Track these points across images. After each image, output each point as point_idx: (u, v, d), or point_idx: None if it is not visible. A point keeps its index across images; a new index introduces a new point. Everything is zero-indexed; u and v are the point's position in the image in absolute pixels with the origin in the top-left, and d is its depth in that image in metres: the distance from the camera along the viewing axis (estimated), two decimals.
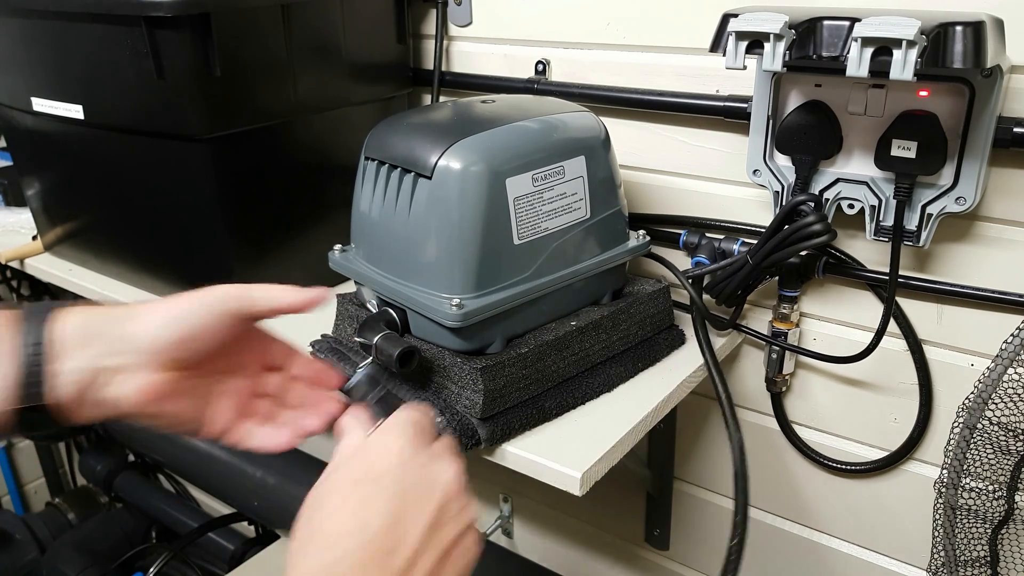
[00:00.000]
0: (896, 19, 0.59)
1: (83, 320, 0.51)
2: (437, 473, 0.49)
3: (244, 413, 0.57)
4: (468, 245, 0.68)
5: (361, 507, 0.46)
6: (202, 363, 0.54)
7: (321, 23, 0.90)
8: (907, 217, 0.74)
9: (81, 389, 0.51)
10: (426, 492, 0.48)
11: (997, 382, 0.71)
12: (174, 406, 0.53)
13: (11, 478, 1.84)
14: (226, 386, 0.57)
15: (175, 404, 0.53)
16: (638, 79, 0.90)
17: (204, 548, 1.48)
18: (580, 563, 1.25)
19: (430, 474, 0.49)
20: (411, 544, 0.45)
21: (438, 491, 0.48)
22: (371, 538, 0.44)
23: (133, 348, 0.51)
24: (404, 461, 0.48)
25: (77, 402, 0.51)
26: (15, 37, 0.92)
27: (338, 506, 0.46)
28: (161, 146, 0.85)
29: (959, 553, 0.78)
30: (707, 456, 1.04)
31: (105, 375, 0.51)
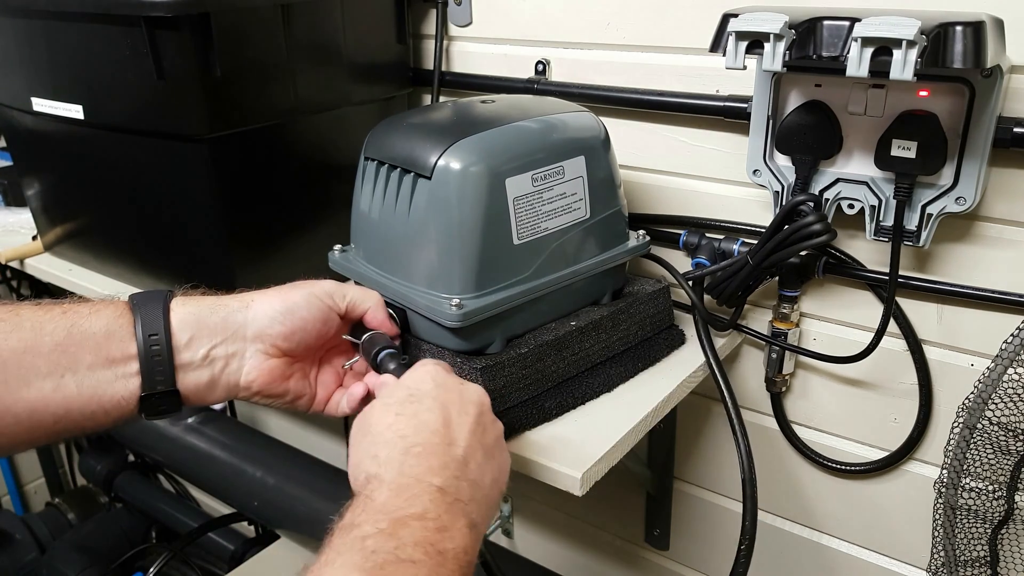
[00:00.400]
0: (896, 19, 0.58)
1: (196, 311, 0.59)
2: (470, 391, 0.56)
3: (338, 384, 0.68)
4: (468, 245, 0.68)
5: (415, 416, 0.52)
6: (308, 350, 0.63)
7: (321, 23, 0.90)
8: (907, 217, 0.74)
9: (213, 375, 0.59)
10: (465, 405, 0.55)
11: (997, 382, 0.71)
12: (289, 385, 0.62)
13: (11, 478, 1.84)
14: (323, 365, 0.66)
15: (289, 384, 0.62)
16: (638, 79, 0.90)
17: (204, 548, 1.48)
18: (580, 563, 1.25)
19: (465, 391, 0.56)
20: (463, 440, 0.52)
21: (473, 404, 0.55)
22: (432, 433, 0.51)
23: (248, 336, 0.59)
24: (440, 383, 0.56)
25: (209, 387, 0.59)
26: (15, 37, 0.92)
27: (392, 421, 0.52)
28: (161, 146, 0.85)
29: (959, 553, 0.78)
30: (707, 456, 1.04)
31: (232, 361, 0.59)
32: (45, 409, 0.54)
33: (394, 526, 0.45)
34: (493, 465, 0.54)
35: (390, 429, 0.52)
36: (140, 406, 0.57)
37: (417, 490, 0.48)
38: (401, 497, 0.47)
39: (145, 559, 1.52)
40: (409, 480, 0.48)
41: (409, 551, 0.43)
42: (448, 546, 0.45)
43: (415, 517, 0.46)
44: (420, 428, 0.52)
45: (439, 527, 0.46)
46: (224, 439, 1.33)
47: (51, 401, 0.53)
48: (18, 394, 0.53)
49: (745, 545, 0.74)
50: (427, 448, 0.50)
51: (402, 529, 0.45)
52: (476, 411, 0.55)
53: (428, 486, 0.48)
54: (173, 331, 0.57)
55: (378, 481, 0.49)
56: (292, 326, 0.60)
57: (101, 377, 0.55)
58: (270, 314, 0.60)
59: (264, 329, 0.60)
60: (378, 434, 0.52)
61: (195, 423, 1.32)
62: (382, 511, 0.46)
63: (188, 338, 0.58)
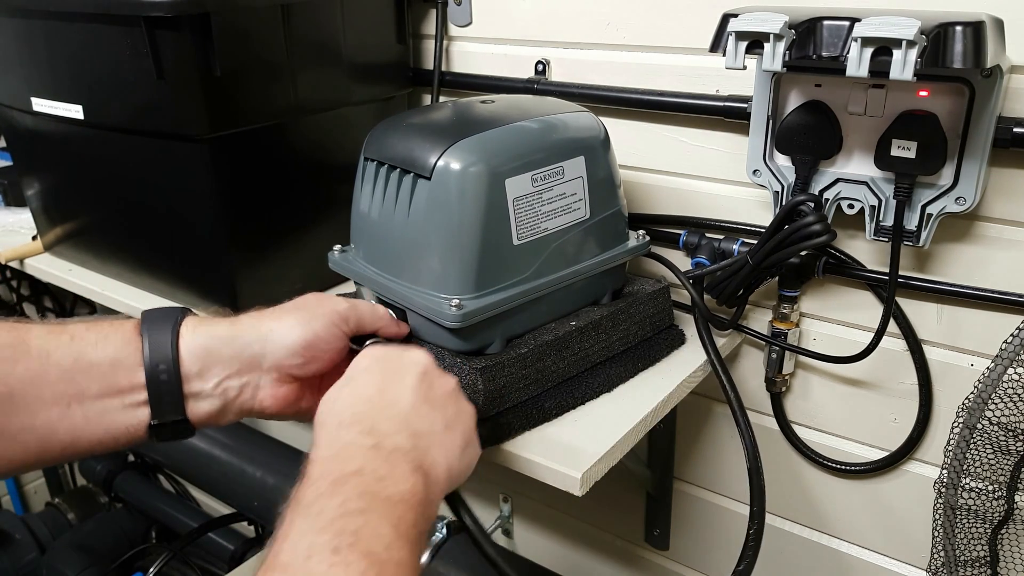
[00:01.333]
0: (896, 19, 0.58)
1: (207, 342, 0.57)
2: (410, 355, 0.58)
3: None
4: (468, 246, 0.68)
5: (350, 394, 0.55)
6: (318, 371, 0.62)
7: (321, 23, 0.90)
8: (907, 217, 0.74)
9: (226, 403, 0.58)
10: (404, 367, 0.56)
11: (997, 382, 0.71)
12: (303, 405, 0.62)
13: (11, 478, 1.84)
14: (330, 375, 0.63)
15: (302, 404, 0.62)
16: (638, 79, 0.90)
17: (204, 548, 1.48)
18: (580, 563, 1.25)
19: (404, 356, 0.58)
20: (405, 398, 0.54)
21: (413, 364, 0.57)
22: (365, 401, 0.53)
23: (265, 367, 0.59)
24: (378, 357, 0.58)
25: (220, 414, 0.58)
26: (15, 37, 0.92)
27: (330, 408, 0.54)
28: (161, 146, 0.85)
29: (959, 553, 0.78)
30: (707, 456, 1.04)
31: (246, 391, 0.58)
32: (52, 437, 0.53)
33: (333, 486, 0.46)
34: (444, 413, 0.55)
35: (328, 415, 0.54)
36: (149, 433, 0.56)
37: (349, 452, 0.49)
38: (334, 462, 0.48)
39: (145, 559, 1.52)
40: (340, 446, 0.50)
41: (353, 503, 0.44)
42: (392, 491, 0.46)
43: (352, 474, 0.47)
44: (354, 402, 0.54)
45: (377, 478, 0.47)
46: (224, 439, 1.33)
47: (58, 429, 0.53)
48: (25, 423, 0.52)
49: (754, 530, 0.75)
50: (358, 416, 0.52)
51: (342, 487, 0.46)
52: (417, 370, 0.56)
53: (360, 447, 0.49)
54: (182, 360, 0.56)
55: (311, 460, 0.49)
56: (310, 356, 0.60)
57: (109, 406, 0.54)
58: (289, 346, 0.59)
59: (281, 360, 0.59)
60: (317, 427, 0.53)
61: None
62: (319, 478, 0.47)
63: (199, 368, 0.56)
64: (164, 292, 0.97)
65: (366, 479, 0.46)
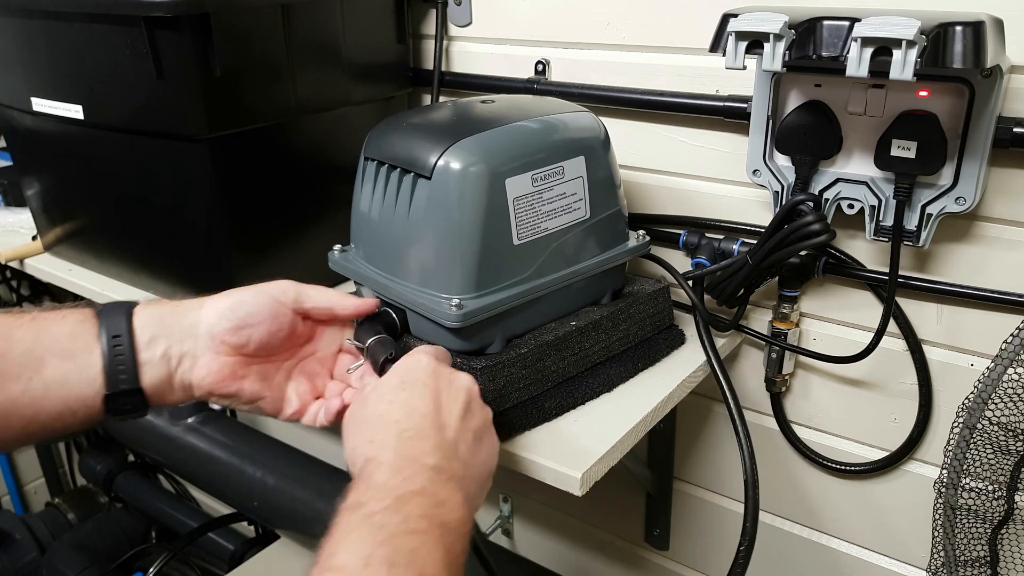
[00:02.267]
0: (896, 19, 0.59)
1: (158, 313, 0.60)
2: (459, 379, 0.59)
3: (316, 395, 0.67)
4: (468, 245, 0.68)
5: (407, 403, 0.56)
6: (261, 349, 0.62)
7: (321, 23, 0.90)
8: (907, 217, 0.74)
9: (169, 372, 0.59)
10: (454, 391, 0.58)
11: (997, 382, 0.71)
12: (243, 386, 0.62)
13: (11, 478, 1.84)
14: (296, 373, 0.66)
15: (244, 384, 0.62)
16: (638, 79, 0.90)
17: (204, 548, 1.48)
18: (580, 563, 1.25)
19: (454, 379, 0.59)
20: (453, 425, 0.55)
21: (463, 391, 0.58)
22: (423, 417, 0.55)
23: (200, 334, 0.60)
24: (432, 371, 0.58)
25: (167, 385, 0.60)
26: (15, 37, 0.92)
27: (385, 408, 0.55)
28: (161, 146, 0.85)
29: (959, 553, 0.78)
30: (707, 456, 1.04)
31: (185, 360, 0.60)
32: (14, 412, 0.55)
33: (398, 502, 0.48)
34: (482, 447, 0.57)
35: (384, 416, 0.55)
36: (105, 405, 0.58)
37: (414, 469, 0.51)
38: (400, 476, 0.50)
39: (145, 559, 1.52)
40: (405, 460, 0.52)
41: (414, 523, 0.47)
42: (448, 518, 0.49)
43: (416, 493, 0.49)
44: (411, 413, 0.55)
45: (437, 502, 0.49)
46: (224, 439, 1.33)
47: (20, 403, 0.55)
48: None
49: (745, 546, 0.74)
50: (419, 431, 0.54)
51: (405, 505, 0.48)
52: (465, 397, 0.58)
53: (423, 465, 0.51)
54: (135, 331, 0.58)
55: (376, 463, 0.51)
56: (238, 322, 0.61)
57: (66, 378, 0.56)
58: (219, 311, 0.61)
59: (213, 326, 0.60)
60: (372, 420, 0.55)
61: (195, 423, 1.32)
62: (384, 489, 0.49)
63: (149, 337, 0.59)
64: (164, 292, 0.97)
65: (427, 501, 0.49)
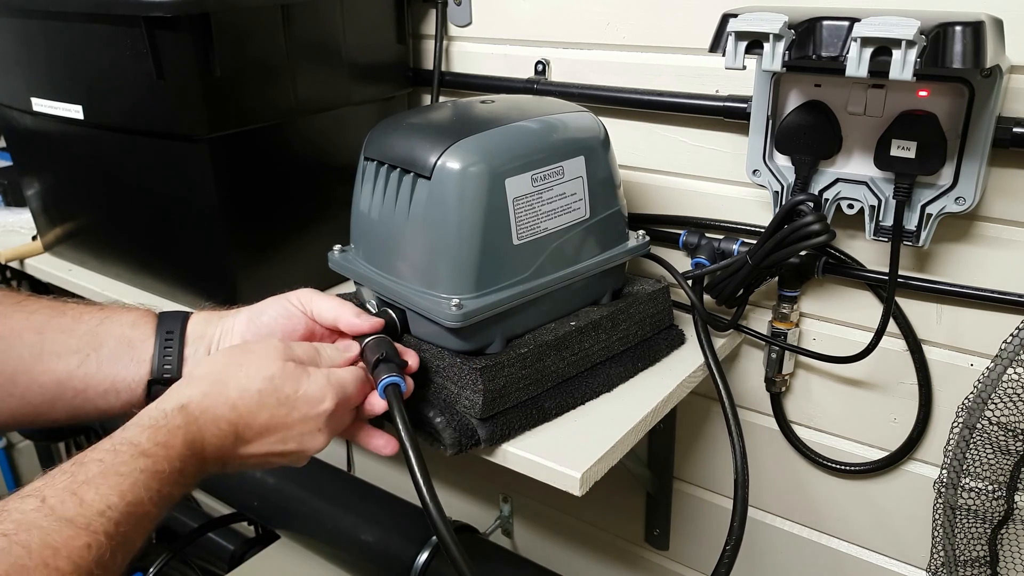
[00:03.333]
0: (895, 19, 0.59)
1: (207, 316, 0.67)
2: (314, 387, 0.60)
3: None
4: (467, 245, 0.68)
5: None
6: None
7: (321, 23, 0.90)
8: (907, 217, 0.74)
9: None
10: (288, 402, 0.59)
11: (997, 382, 0.71)
12: None
13: (11, 478, 1.84)
14: None
15: None
16: (638, 79, 0.90)
17: (204, 548, 1.48)
18: (580, 563, 1.25)
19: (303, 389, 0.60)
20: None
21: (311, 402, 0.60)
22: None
23: (235, 336, 0.66)
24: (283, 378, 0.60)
25: None
26: (15, 37, 0.92)
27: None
28: (161, 146, 0.85)
29: (959, 553, 0.78)
30: (707, 456, 1.04)
31: None
32: (68, 382, 0.62)
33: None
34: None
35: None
36: (147, 391, 0.63)
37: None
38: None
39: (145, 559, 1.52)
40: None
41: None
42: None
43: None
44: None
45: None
46: None
47: (74, 376, 0.62)
48: (48, 365, 0.61)
49: (731, 546, 0.74)
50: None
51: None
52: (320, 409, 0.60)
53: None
54: (187, 331, 0.65)
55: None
56: (259, 326, 0.66)
57: (119, 360, 0.63)
58: (248, 316, 0.67)
59: (243, 330, 0.66)
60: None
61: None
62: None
63: (196, 336, 0.66)
64: (164, 292, 0.97)
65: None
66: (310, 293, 0.68)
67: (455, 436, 0.66)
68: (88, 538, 0.44)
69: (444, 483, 1.38)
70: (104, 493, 0.46)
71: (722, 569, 0.74)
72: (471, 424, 0.68)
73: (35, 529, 0.43)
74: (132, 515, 0.47)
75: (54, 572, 0.42)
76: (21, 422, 0.64)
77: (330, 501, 1.16)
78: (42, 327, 0.62)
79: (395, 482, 1.27)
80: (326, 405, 0.60)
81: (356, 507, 1.15)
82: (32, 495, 0.45)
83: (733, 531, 0.74)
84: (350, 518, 1.13)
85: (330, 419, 0.60)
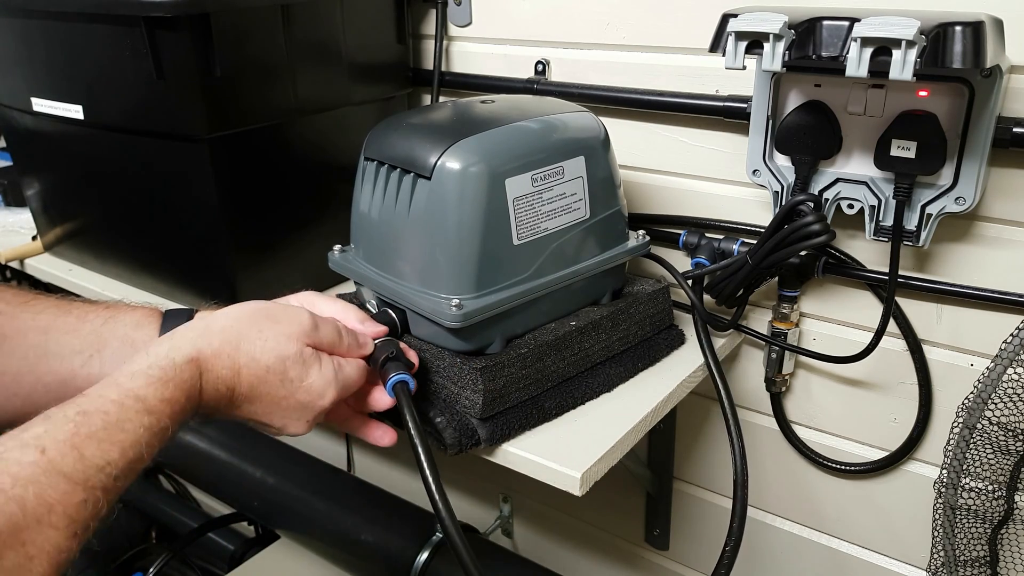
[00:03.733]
0: (895, 19, 0.59)
1: (212, 315, 0.64)
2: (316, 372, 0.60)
3: None
4: (468, 246, 0.68)
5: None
6: None
7: (321, 23, 0.90)
8: (907, 217, 0.74)
9: None
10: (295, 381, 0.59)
11: (997, 382, 0.71)
12: None
13: None
14: None
15: None
16: (638, 79, 0.90)
17: (204, 548, 1.48)
18: (580, 563, 1.25)
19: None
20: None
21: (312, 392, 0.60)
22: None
23: None
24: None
25: None
26: (15, 37, 0.92)
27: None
28: (161, 146, 0.85)
29: (959, 553, 0.78)
30: (707, 456, 1.04)
31: None
32: (72, 382, 0.61)
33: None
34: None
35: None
36: None
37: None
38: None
39: (145, 559, 1.52)
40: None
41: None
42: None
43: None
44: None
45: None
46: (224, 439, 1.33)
47: (78, 376, 0.61)
48: (52, 365, 0.61)
49: (730, 547, 0.74)
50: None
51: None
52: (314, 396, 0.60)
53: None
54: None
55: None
56: None
57: (123, 360, 0.61)
58: None
59: None
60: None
61: (195, 423, 1.32)
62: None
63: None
64: (164, 292, 0.97)
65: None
66: (311, 296, 0.68)
67: (455, 436, 0.66)
68: (85, 494, 0.44)
69: (444, 483, 1.38)
70: (105, 449, 0.46)
71: (722, 570, 0.74)
72: (471, 424, 0.68)
73: (31, 484, 0.42)
74: (131, 469, 0.47)
75: (48, 528, 0.42)
76: (26, 420, 0.65)
77: (330, 501, 1.16)
78: (47, 327, 0.62)
79: (395, 482, 1.27)
80: (325, 400, 0.60)
81: (356, 507, 1.15)
82: (32, 444, 0.44)
83: (733, 531, 0.74)
84: (350, 518, 1.13)
85: (321, 413, 0.61)
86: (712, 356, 0.80)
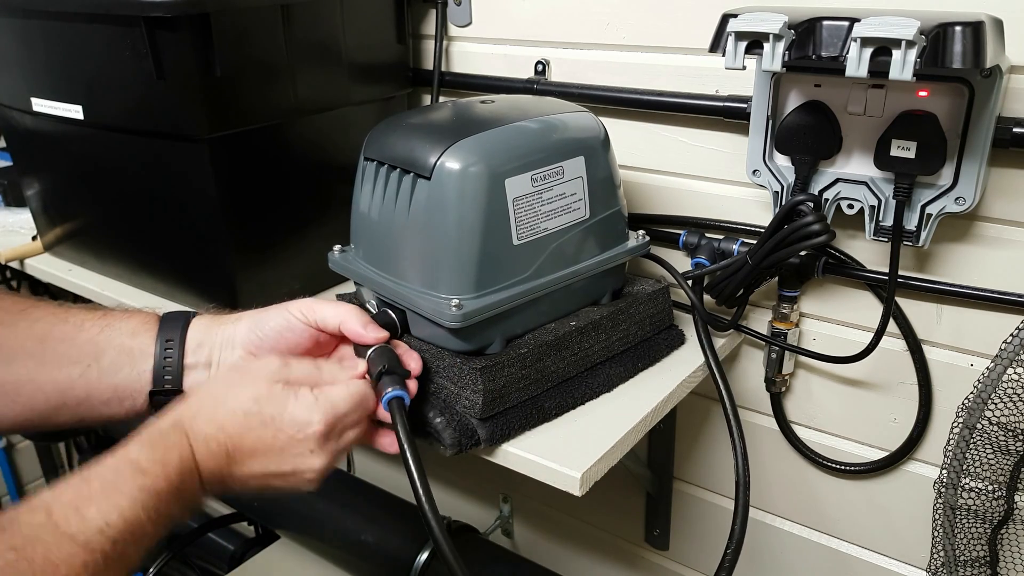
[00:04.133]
0: (895, 19, 0.59)
1: (209, 322, 0.66)
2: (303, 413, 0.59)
3: None
4: (467, 246, 0.68)
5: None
6: (272, 352, 0.65)
7: (321, 23, 0.90)
8: (906, 217, 0.74)
9: (209, 377, 0.65)
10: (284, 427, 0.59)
11: (997, 382, 0.71)
12: None
13: (11, 478, 1.84)
14: None
15: None
16: (638, 79, 0.90)
17: (204, 548, 1.48)
18: (580, 563, 1.25)
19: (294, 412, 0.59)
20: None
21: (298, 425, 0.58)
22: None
23: (236, 344, 0.65)
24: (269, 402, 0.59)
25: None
26: (15, 37, 0.92)
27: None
28: (161, 146, 0.85)
29: (959, 553, 0.78)
30: (707, 456, 1.04)
31: (223, 367, 0.65)
32: (70, 391, 0.62)
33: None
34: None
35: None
36: (150, 400, 0.64)
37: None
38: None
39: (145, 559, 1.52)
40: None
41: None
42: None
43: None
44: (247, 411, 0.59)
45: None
46: None
47: (76, 385, 0.62)
48: (50, 375, 0.62)
49: (732, 549, 0.74)
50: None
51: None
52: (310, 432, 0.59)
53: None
54: (188, 338, 0.65)
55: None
56: (261, 334, 0.66)
57: (119, 369, 0.63)
58: (248, 324, 0.66)
59: (243, 338, 0.66)
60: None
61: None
62: None
63: (196, 344, 0.65)
64: (164, 292, 0.97)
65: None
66: (310, 302, 0.67)
67: (455, 436, 0.66)
68: (86, 556, 0.46)
69: (444, 483, 1.38)
70: (104, 510, 0.48)
71: (723, 573, 0.74)
72: (471, 424, 0.68)
73: (39, 544, 0.45)
74: (130, 533, 0.49)
75: None
76: (27, 427, 0.66)
77: (330, 501, 1.17)
78: (44, 336, 0.63)
79: (395, 482, 1.27)
80: (313, 428, 0.58)
81: (356, 507, 1.15)
82: (40, 508, 0.47)
83: (734, 534, 0.74)
84: (350, 518, 1.13)
85: (324, 439, 0.58)
86: (712, 356, 0.80)
